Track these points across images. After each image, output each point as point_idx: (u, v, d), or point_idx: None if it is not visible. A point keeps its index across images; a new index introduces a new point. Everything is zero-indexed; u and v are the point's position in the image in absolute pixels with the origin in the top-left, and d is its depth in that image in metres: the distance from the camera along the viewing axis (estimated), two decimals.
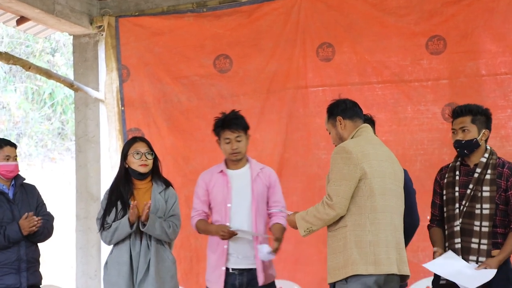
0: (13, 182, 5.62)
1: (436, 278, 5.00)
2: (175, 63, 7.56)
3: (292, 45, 7.23)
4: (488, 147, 5.00)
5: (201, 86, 7.50)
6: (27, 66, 6.94)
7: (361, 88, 6.98)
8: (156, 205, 5.35)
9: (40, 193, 5.80)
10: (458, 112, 4.99)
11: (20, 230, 5.45)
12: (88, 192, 7.82)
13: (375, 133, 5.25)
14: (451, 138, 5.05)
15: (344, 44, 7.09)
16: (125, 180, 5.39)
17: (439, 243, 5.00)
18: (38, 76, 13.12)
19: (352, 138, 4.61)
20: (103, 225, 5.34)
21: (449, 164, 5.12)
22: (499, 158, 4.97)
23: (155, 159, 5.45)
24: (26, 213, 5.49)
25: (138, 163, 5.36)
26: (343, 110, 4.71)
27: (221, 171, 5.47)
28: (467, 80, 6.73)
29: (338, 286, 4.46)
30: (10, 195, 5.57)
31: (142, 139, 5.50)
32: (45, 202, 5.79)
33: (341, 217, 4.42)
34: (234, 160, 5.44)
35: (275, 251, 5.26)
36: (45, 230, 5.66)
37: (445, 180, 5.04)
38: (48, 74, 7.36)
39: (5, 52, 6.81)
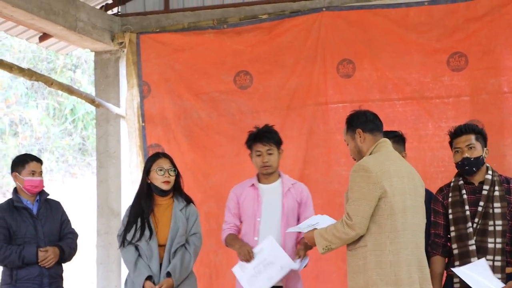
0: (37, 198, 5.61)
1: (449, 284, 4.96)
2: (195, 79, 7.58)
3: (313, 62, 7.23)
4: (488, 165, 5.03)
5: (221, 102, 7.51)
6: (49, 82, 6.99)
7: (381, 104, 6.96)
8: (177, 223, 5.30)
9: (65, 209, 5.79)
10: (462, 131, 5.01)
11: (37, 255, 5.45)
12: (109, 207, 7.84)
13: (404, 150, 5.23)
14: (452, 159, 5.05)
15: (365, 60, 7.08)
16: (146, 196, 5.36)
17: (438, 280, 4.96)
18: (60, 92, 13.21)
19: (370, 153, 4.52)
20: (123, 242, 5.32)
21: (449, 183, 5.10)
22: (500, 175, 5.01)
23: (177, 176, 5.43)
24: (46, 250, 5.48)
25: (161, 180, 5.32)
26: (364, 122, 4.61)
27: (253, 185, 5.46)
28: (488, 97, 6.71)
29: None
30: (34, 210, 5.55)
31: (165, 155, 5.46)
32: (69, 219, 5.78)
33: (361, 236, 4.35)
34: (265, 174, 5.42)
35: (301, 258, 5.20)
36: (71, 250, 5.65)
37: (450, 200, 5.01)
38: (70, 90, 7.41)
39: (28, 68, 6.86)
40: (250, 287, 5.18)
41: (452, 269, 4.84)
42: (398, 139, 5.22)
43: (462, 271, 4.77)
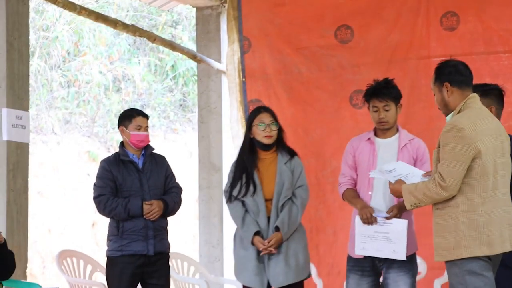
0: (143, 152, 5.69)
1: None
2: (295, 34, 7.56)
3: (415, 15, 7.12)
4: None
5: (321, 57, 7.48)
6: (152, 38, 7.10)
7: (486, 57, 6.80)
8: (282, 177, 5.28)
9: (169, 164, 5.87)
10: None
11: (142, 208, 5.56)
12: (210, 162, 7.95)
13: (503, 105, 5.05)
14: None
15: (469, 12, 6.93)
16: (249, 151, 5.34)
17: None
18: (161, 48, 13.40)
19: (459, 110, 4.37)
20: (230, 198, 5.34)
21: None
22: None
23: (279, 130, 5.38)
24: (151, 204, 5.57)
25: (263, 134, 5.28)
26: (452, 75, 4.40)
27: (369, 139, 5.32)
28: None
29: (449, 266, 4.34)
30: (140, 164, 5.63)
31: (267, 109, 5.41)
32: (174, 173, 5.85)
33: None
34: (382, 129, 5.35)
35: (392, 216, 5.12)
36: (175, 204, 5.72)
37: None
38: (172, 46, 7.51)
39: (132, 24, 6.98)
40: (359, 243, 5.15)
41: None
42: (496, 92, 4.99)
43: None
